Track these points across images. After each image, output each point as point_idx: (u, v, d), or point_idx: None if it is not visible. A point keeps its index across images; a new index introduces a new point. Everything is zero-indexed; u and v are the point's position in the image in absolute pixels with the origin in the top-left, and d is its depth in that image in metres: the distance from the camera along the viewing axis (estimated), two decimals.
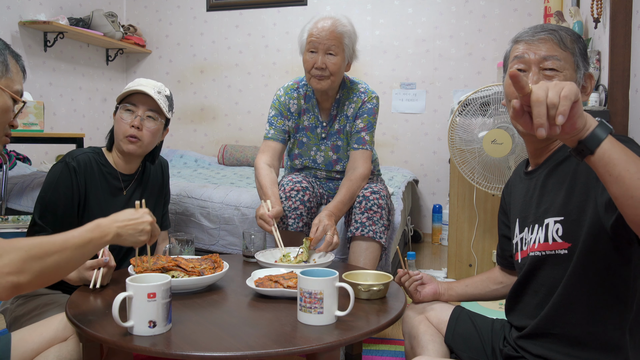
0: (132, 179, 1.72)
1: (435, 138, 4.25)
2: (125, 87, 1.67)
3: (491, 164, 2.40)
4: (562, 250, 1.06)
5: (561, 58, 1.10)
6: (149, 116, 1.64)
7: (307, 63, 2.02)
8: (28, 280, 0.93)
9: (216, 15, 4.70)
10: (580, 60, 1.12)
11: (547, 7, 3.58)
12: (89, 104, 4.45)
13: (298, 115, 2.18)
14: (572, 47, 1.11)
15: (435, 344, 1.27)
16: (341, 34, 2.00)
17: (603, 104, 2.52)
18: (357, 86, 2.16)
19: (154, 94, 1.61)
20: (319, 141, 2.18)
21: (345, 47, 2.02)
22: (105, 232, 1.11)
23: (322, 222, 1.79)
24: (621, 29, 2.36)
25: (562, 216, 1.06)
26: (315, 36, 1.99)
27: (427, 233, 4.27)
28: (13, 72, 1.11)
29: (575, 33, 1.15)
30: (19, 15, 3.68)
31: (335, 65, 2.00)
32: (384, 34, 4.32)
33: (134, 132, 1.61)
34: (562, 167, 1.10)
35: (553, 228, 1.07)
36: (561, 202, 1.06)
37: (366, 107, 2.12)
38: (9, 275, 0.91)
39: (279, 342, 1.01)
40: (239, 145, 4.41)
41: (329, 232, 1.76)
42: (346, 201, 1.98)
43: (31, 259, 0.94)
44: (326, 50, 1.99)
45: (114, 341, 1.02)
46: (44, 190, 1.56)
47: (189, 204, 2.60)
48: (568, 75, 1.10)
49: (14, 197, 2.90)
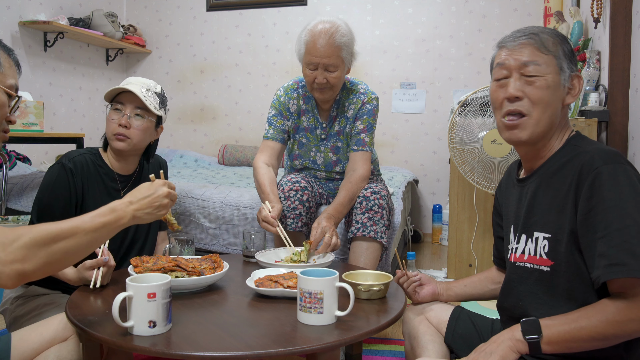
0: (129, 179, 1.71)
1: (435, 138, 4.25)
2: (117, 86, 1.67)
3: (491, 164, 2.40)
4: (545, 267, 1.08)
5: (542, 63, 1.09)
6: (136, 114, 1.62)
7: (308, 77, 2.00)
8: (33, 267, 0.92)
9: (216, 15, 4.70)
10: (565, 62, 1.11)
11: (547, 7, 3.58)
12: (89, 104, 4.45)
13: (297, 116, 2.17)
14: (554, 49, 1.11)
15: (435, 344, 1.27)
16: (339, 47, 1.94)
17: (603, 104, 2.52)
18: (356, 87, 2.15)
19: (140, 91, 1.59)
20: (319, 142, 2.18)
21: (345, 59, 1.99)
22: (121, 215, 1.09)
23: (320, 225, 1.79)
24: (621, 29, 2.36)
25: (550, 234, 1.07)
26: (313, 55, 1.94)
27: (427, 233, 4.27)
28: (5, 66, 1.09)
29: (560, 35, 1.14)
30: (19, 15, 3.68)
31: (336, 79, 1.99)
32: (384, 34, 4.32)
33: (121, 131, 1.60)
34: (555, 179, 1.09)
35: (541, 244, 1.09)
36: (552, 219, 1.07)
37: (366, 108, 2.11)
38: (13, 263, 0.89)
39: (279, 342, 1.01)
40: (239, 145, 4.42)
41: (328, 234, 1.76)
42: (346, 203, 1.98)
43: (36, 246, 0.92)
44: (325, 67, 1.96)
45: (114, 341, 1.01)
46: (41, 192, 1.55)
47: (189, 204, 2.60)
48: (550, 79, 1.09)
49: (14, 197, 2.90)
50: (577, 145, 1.10)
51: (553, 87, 1.10)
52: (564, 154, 1.10)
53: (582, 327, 0.96)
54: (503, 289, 1.23)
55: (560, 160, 1.10)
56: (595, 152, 1.03)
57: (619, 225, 0.95)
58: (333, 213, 1.90)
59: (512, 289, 1.17)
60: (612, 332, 0.95)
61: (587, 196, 1.00)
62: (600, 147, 1.05)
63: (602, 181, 0.98)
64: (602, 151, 1.02)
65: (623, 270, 0.93)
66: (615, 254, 0.94)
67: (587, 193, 0.99)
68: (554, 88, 1.10)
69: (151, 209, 1.16)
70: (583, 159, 1.03)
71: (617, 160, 1.00)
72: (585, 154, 1.04)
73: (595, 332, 0.95)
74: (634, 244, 0.93)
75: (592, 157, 1.02)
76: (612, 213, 0.96)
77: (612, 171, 0.98)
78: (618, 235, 0.94)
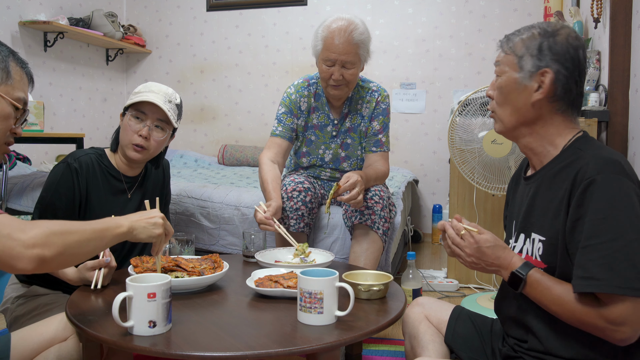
0: (134, 180, 1.71)
1: (435, 138, 4.25)
2: (136, 90, 1.63)
3: (491, 164, 2.40)
4: (539, 269, 1.08)
5: (502, 62, 1.15)
6: (157, 126, 1.62)
7: (324, 74, 2.02)
8: (52, 254, 0.96)
9: (216, 15, 4.70)
10: (531, 60, 1.10)
11: (547, 7, 3.58)
12: (89, 104, 4.45)
13: (308, 114, 2.19)
14: (519, 48, 1.11)
15: (435, 344, 1.27)
16: (357, 45, 1.96)
17: (603, 104, 2.52)
18: (368, 85, 2.19)
19: (164, 104, 1.59)
20: (329, 139, 2.19)
21: (361, 56, 2.02)
22: (120, 223, 1.13)
23: (352, 177, 1.85)
24: (621, 29, 2.36)
25: (545, 237, 1.07)
26: (331, 51, 1.96)
27: (427, 233, 4.27)
28: (15, 79, 1.09)
29: (543, 31, 1.11)
30: (19, 15, 3.68)
31: (352, 76, 2.02)
32: (384, 34, 4.32)
33: (141, 142, 1.59)
34: (554, 183, 1.08)
35: (537, 246, 1.09)
36: (548, 223, 1.07)
37: (380, 107, 2.17)
38: (34, 247, 0.93)
39: (279, 342, 1.01)
40: (239, 145, 4.41)
41: (357, 188, 1.82)
42: (371, 177, 2.03)
43: (54, 234, 0.97)
44: (342, 64, 1.98)
45: (114, 341, 1.02)
46: (44, 191, 1.55)
47: (189, 204, 2.60)
48: (504, 78, 1.13)
49: (14, 197, 2.90)
50: (579, 149, 1.07)
51: (508, 87, 1.13)
52: (565, 157, 1.08)
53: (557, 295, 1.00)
54: (500, 288, 1.23)
55: (561, 163, 1.08)
56: (593, 160, 1.00)
57: (603, 239, 0.94)
58: (362, 174, 1.92)
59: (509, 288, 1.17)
60: (573, 321, 0.99)
61: (577, 204, 0.99)
62: (600, 155, 1.01)
63: (592, 191, 0.97)
64: (600, 159, 1.00)
65: (595, 285, 0.93)
66: (591, 267, 0.94)
67: (578, 201, 0.99)
68: (509, 87, 1.13)
69: (147, 224, 1.19)
70: (580, 165, 1.02)
71: (613, 171, 0.97)
72: (582, 160, 1.02)
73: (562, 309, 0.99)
74: (615, 259, 0.92)
75: (588, 165, 1.00)
76: (598, 225, 0.95)
77: (606, 182, 0.96)
78: (600, 248, 0.94)
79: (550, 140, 1.12)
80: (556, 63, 1.09)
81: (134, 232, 1.16)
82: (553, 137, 1.12)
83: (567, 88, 1.09)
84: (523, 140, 1.15)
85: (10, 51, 1.10)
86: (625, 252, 0.92)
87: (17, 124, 1.13)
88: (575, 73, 1.09)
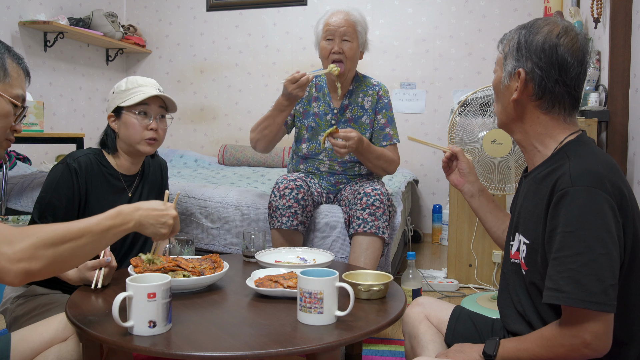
0: (133, 179, 1.73)
1: (435, 138, 4.24)
2: (123, 89, 1.67)
3: (491, 164, 2.39)
4: (523, 269, 1.10)
5: (497, 61, 1.19)
6: (162, 115, 1.69)
7: (325, 50, 2.15)
8: (40, 267, 0.93)
9: (216, 15, 4.70)
10: (511, 59, 1.11)
11: (547, 7, 3.58)
12: (89, 104, 4.45)
13: (308, 102, 2.27)
14: (505, 47, 1.14)
15: (435, 344, 1.27)
16: (355, 22, 2.16)
17: (603, 104, 2.52)
18: (369, 80, 2.30)
19: (160, 93, 1.65)
20: (329, 127, 2.21)
21: (359, 34, 2.17)
22: (127, 219, 1.09)
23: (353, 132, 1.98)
24: (621, 29, 2.36)
25: (529, 241, 1.08)
26: (331, 25, 2.14)
27: (427, 233, 4.27)
28: (13, 76, 1.09)
29: (520, 32, 1.11)
30: (19, 15, 3.68)
31: (351, 50, 2.13)
32: (384, 34, 4.32)
33: (153, 135, 1.65)
34: (540, 188, 1.07)
35: (522, 247, 1.10)
36: (532, 228, 1.07)
37: (383, 102, 2.26)
38: (20, 261, 0.90)
39: (279, 342, 1.01)
40: (239, 145, 4.41)
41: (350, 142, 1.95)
42: (377, 153, 2.13)
43: (44, 246, 0.93)
44: (342, 36, 2.12)
45: (114, 341, 1.02)
46: (44, 191, 1.55)
47: (189, 204, 2.60)
48: (495, 77, 1.18)
49: (14, 197, 2.90)
50: (566, 155, 1.05)
51: (497, 86, 1.18)
52: (553, 161, 1.07)
53: (525, 349, 1.02)
54: (500, 284, 1.24)
55: (548, 168, 1.07)
56: (573, 170, 0.98)
57: (571, 252, 0.94)
58: (364, 140, 2.03)
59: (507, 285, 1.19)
60: (546, 356, 0.98)
61: (552, 215, 0.99)
62: (580, 165, 0.99)
63: (564, 203, 0.96)
64: (578, 170, 0.98)
65: (559, 297, 0.94)
66: (558, 279, 0.95)
67: (552, 212, 0.99)
68: (497, 86, 1.17)
69: (156, 222, 1.15)
70: (559, 173, 1.01)
71: (588, 183, 0.95)
72: (563, 169, 1.01)
73: (534, 354, 1.00)
74: (581, 273, 0.92)
75: (564, 175, 0.99)
76: (567, 237, 0.95)
77: (578, 194, 0.95)
78: (567, 262, 0.94)
79: (539, 140, 1.12)
80: (529, 62, 1.08)
81: (141, 227, 1.13)
82: (542, 137, 1.11)
83: (545, 87, 1.07)
84: (515, 137, 1.19)
85: (5, 47, 1.09)
86: (592, 266, 0.92)
87: (17, 121, 1.14)
88: (552, 72, 1.06)
